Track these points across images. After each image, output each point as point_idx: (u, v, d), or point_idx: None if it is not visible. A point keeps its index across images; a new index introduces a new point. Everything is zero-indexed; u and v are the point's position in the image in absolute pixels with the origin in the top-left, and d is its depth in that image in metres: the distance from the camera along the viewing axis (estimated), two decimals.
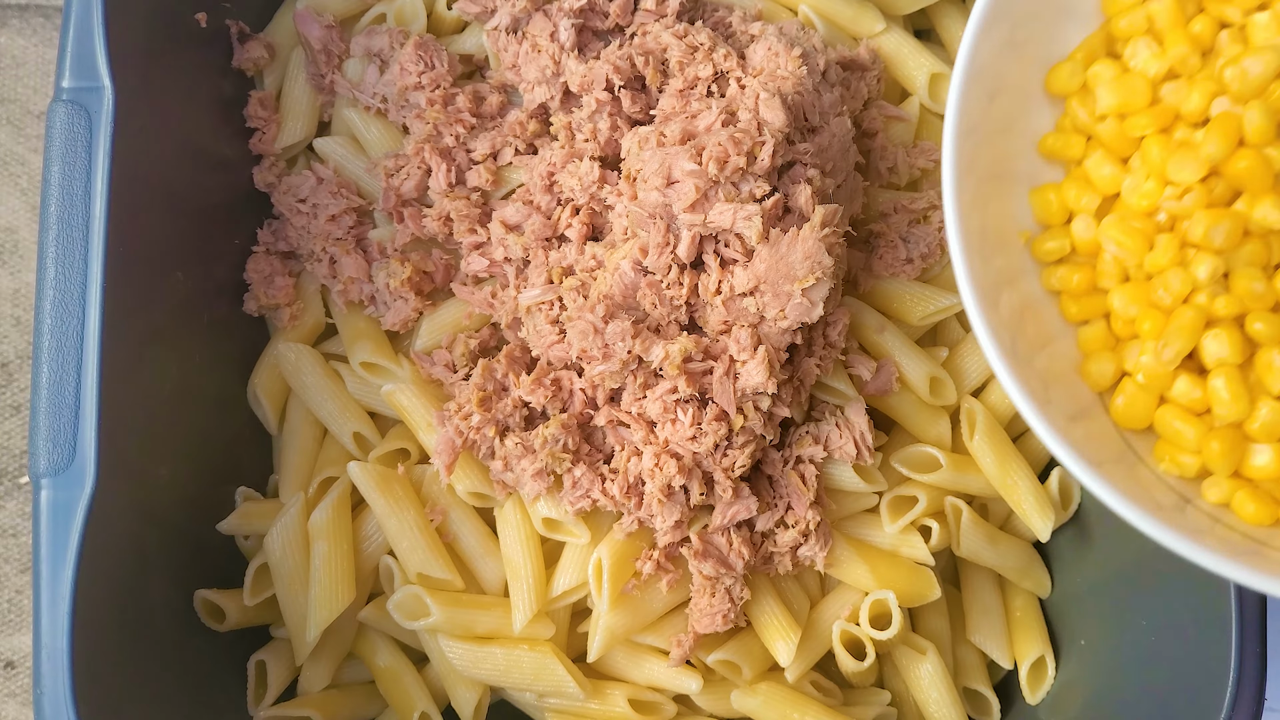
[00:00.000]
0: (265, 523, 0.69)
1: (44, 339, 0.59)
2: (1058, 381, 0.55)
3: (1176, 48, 0.53)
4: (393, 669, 0.71)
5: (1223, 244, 0.50)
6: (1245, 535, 0.50)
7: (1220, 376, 0.50)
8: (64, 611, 0.57)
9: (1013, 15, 0.55)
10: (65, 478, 0.58)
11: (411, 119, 0.73)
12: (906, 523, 0.69)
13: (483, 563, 0.69)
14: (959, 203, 0.53)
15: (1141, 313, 0.53)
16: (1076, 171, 0.56)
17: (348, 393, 0.72)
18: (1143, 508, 0.47)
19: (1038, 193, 0.57)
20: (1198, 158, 0.51)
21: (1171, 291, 0.52)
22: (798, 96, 0.66)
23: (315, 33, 0.74)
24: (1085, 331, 0.56)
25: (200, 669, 0.67)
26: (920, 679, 0.69)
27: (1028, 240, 0.58)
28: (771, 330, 0.64)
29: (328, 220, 0.73)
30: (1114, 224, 0.53)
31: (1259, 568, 0.46)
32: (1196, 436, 0.51)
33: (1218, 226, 0.50)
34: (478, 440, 0.66)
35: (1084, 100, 0.56)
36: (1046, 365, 0.55)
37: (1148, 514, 0.47)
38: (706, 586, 0.66)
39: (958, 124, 0.54)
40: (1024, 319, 0.55)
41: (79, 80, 0.61)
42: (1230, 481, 0.51)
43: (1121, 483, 0.49)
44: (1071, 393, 0.55)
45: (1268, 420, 0.50)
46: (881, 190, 0.75)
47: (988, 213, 0.56)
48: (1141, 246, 0.53)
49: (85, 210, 0.60)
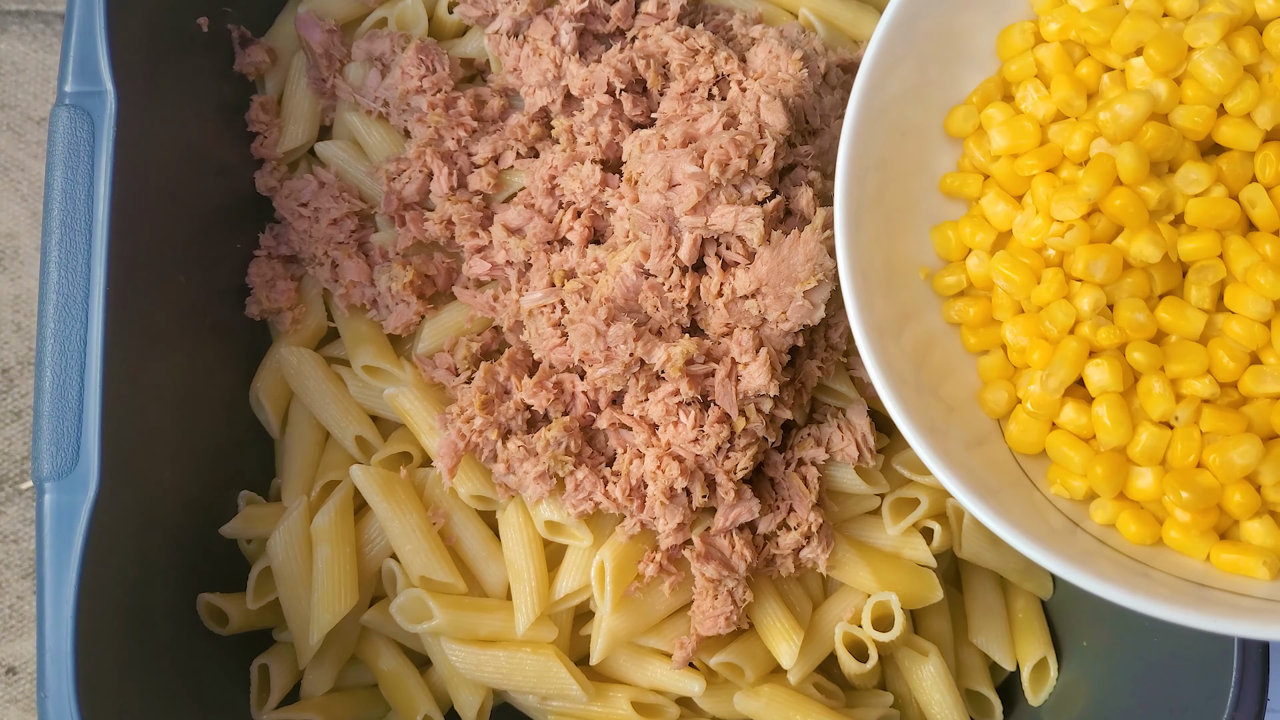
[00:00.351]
0: (268, 526, 0.69)
1: (47, 343, 0.59)
2: (960, 409, 0.57)
3: (1062, 91, 0.56)
4: (396, 672, 0.71)
5: (1104, 278, 0.53)
6: (1131, 557, 0.51)
7: (1103, 404, 0.52)
8: (68, 615, 0.57)
9: (916, 56, 0.58)
10: (69, 481, 0.58)
11: (413, 123, 0.73)
12: (908, 524, 0.69)
13: (485, 566, 0.69)
14: (852, 241, 0.56)
15: (1031, 343, 0.55)
16: (974, 209, 0.59)
17: (350, 396, 0.72)
18: (1030, 532, 0.49)
19: (937, 229, 0.60)
20: (1077, 196, 0.53)
21: (1057, 323, 0.54)
22: (799, 99, 0.67)
23: (317, 37, 0.74)
24: (984, 361, 0.59)
25: (203, 672, 0.67)
26: (922, 680, 0.69)
27: (927, 276, 0.60)
28: (773, 332, 0.65)
29: (329, 224, 0.73)
30: (1003, 259, 0.56)
31: (1142, 589, 0.47)
32: (1083, 461, 0.53)
33: (1097, 261, 0.52)
34: (480, 443, 0.66)
35: (979, 141, 0.59)
36: (951, 393, 0.57)
37: (1031, 539, 0.49)
38: (709, 589, 0.66)
39: (850, 162, 0.56)
40: (929, 350, 0.58)
41: (81, 84, 0.61)
42: (1115, 503, 0.53)
43: (1014, 507, 0.51)
44: (972, 420, 0.57)
45: (1148, 445, 0.52)
46: None
47: (894, 248, 0.59)
48: (1029, 281, 0.55)
49: (88, 214, 0.60)
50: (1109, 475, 0.52)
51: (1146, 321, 0.52)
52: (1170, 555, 0.52)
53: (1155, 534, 0.52)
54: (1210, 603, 0.48)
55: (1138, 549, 0.52)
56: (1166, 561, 0.51)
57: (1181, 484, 0.50)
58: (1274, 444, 0.51)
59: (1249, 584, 0.50)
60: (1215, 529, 0.52)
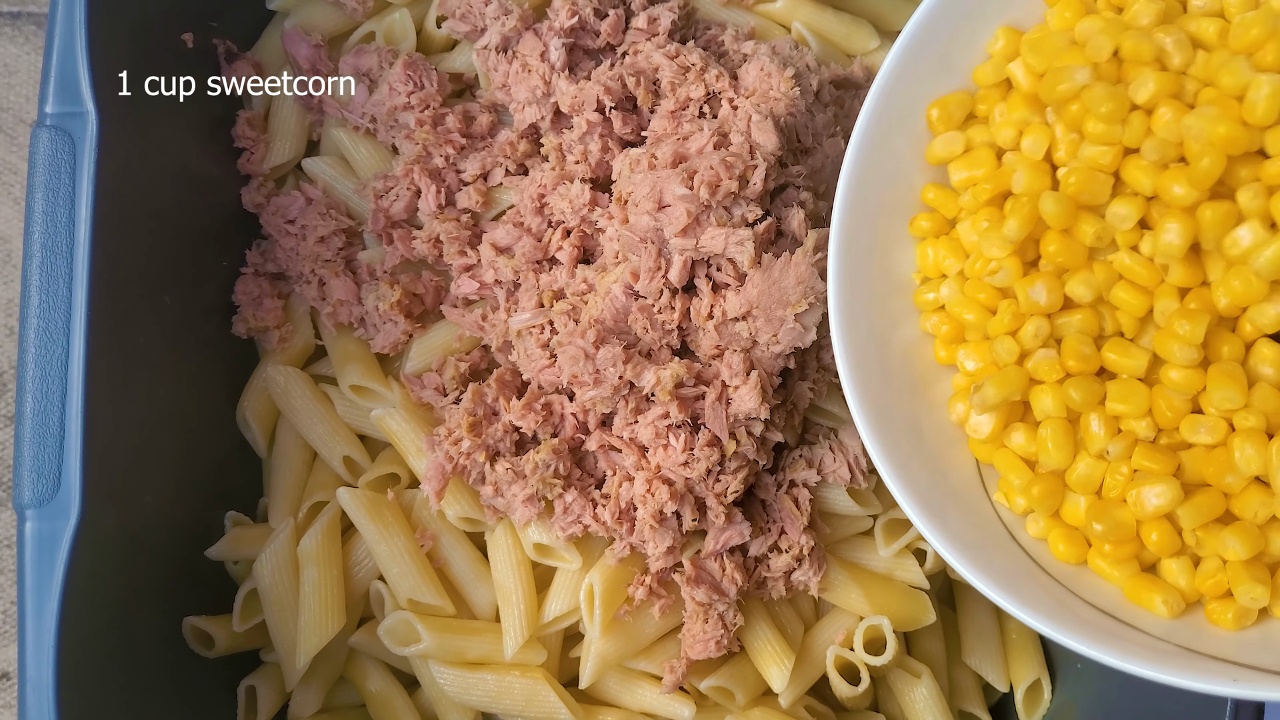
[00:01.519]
0: (255, 548, 0.69)
1: (28, 368, 0.58)
2: (934, 415, 0.58)
3: (1005, 131, 0.55)
4: (384, 694, 0.70)
5: (1046, 304, 0.53)
6: (1056, 581, 0.53)
7: (1046, 429, 0.53)
8: (49, 645, 0.56)
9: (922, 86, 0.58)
10: (50, 509, 0.58)
11: (401, 139, 0.72)
12: (901, 546, 0.69)
13: (474, 588, 0.69)
14: (845, 246, 0.57)
15: (983, 369, 0.56)
16: (952, 232, 0.59)
17: (337, 416, 0.72)
18: (961, 542, 0.52)
19: (920, 245, 0.59)
20: (1001, 236, 0.53)
21: (1004, 353, 0.54)
22: (790, 118, 0.66)
23: (303, 52, 0.73)
24: (955, 376, 0.59)
25: (190, 695, 0.67)
26: (915, 702, 0.69)
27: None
28: (764, 355, 0.64)
29: (316, 242, 0.72)
30: (957, 292, 0.57)
31: (1057, 619, 0.49)
32: (1022, 482, 0.55)
33: (1035, 287, 0.53)
34: (468, 465, 0.66)
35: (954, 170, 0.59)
36: (934, 399, 0.58)
37: (958, 550, 0.51)
38: (700, 612, 0.66)
39: (849, 193, 0.57)
40: (913, 357, 0.59)
41: (62, 105, 0.60)
42: (1048, 521, 0.55)
43: (957, 514, 0.54)
44: (943, 427, 0.58)
45: (1082, 474, 0.53)
46: None
47: (891, 256, 0.59)
48: (982, 314, 0.55)
49: (69, 236, 0.59)
50: (1044, 496, 0.53)
51: (1090, 356, 0.52)
52: (1091, 579, 0.53)
53: (1081, 555, 0.53)
54: (1103, 632, 0.49)
55: (1064, 567, 0.53)
56: (1087, 585, 0.52)
57: (1100, 515, 0.52)
58: (1201, 491, 0.51)
59: (1149, 620, 0.51)
60: (1140, 561, 0.53)
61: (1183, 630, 0.50)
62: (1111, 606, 0.51)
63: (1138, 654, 0.47)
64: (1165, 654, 0.48)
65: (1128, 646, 0.48)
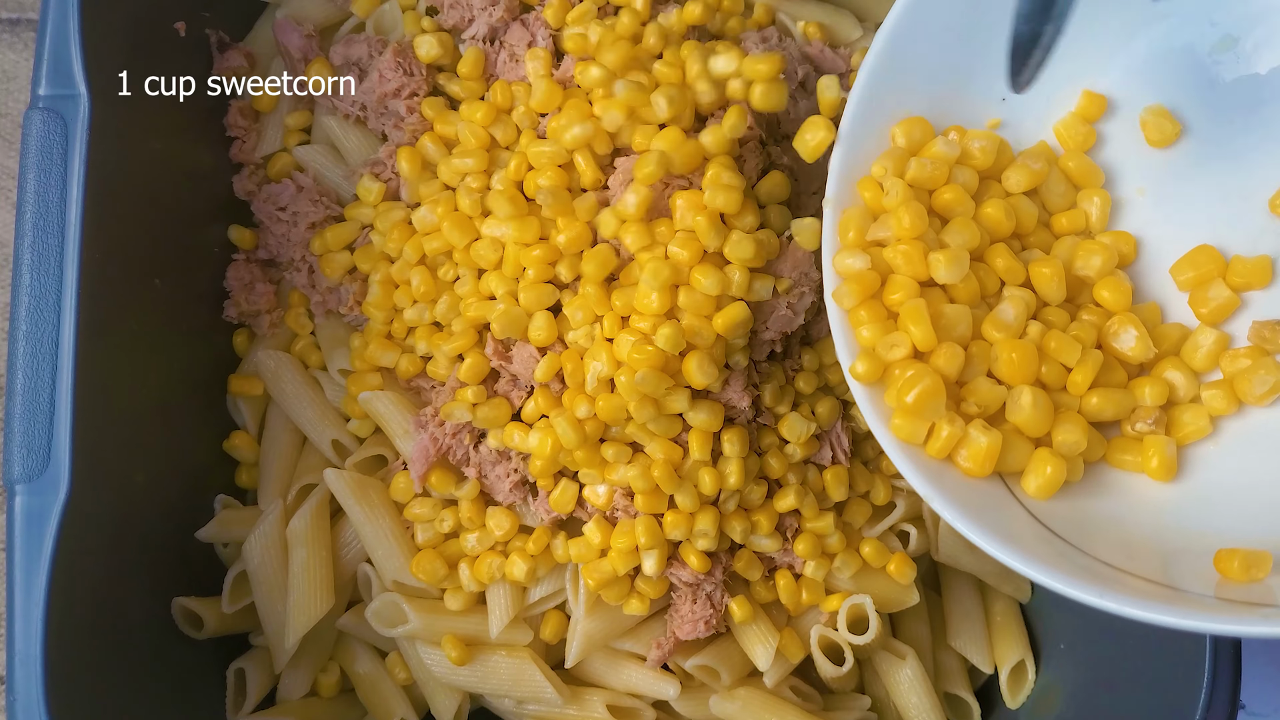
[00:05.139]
0: (244, 530, 0.69)
1: (19, 345, 0.59)
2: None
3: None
4: (372, 676, 0.71)
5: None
6: (1058, 537, 0.53)
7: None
8: (37, 618, 0.57)
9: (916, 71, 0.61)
10: (39, 484, 0.58)
11: (390, 127, 0.73)
12: (885, 528, 0.69)
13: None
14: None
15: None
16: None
17: (326, 400, 0.72)
18: (964, 505, 0.53)
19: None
20: (903, 342, 0.56)
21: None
22: None
23: (294, 41, 0.74)
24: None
25: (178, 677, 0.67)
26: (900, 684, 0.69)
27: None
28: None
29: (307, 228, 0.73)
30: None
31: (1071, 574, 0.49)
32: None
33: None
34: (453, 445, 0.66)
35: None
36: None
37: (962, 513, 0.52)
38: (688, 593, 0.66)
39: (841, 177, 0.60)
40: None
41: (55, 88, 0.61)
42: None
43: (955, 477, 0.55)
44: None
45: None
46: None
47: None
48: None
49: (60, 217, 0.60)
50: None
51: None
52: (1095, 530, 0.54)
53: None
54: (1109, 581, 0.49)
55: (1066, 523, 0.54)
56: (1092, 539, 0.53)
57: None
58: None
59: (1151, 565, 0.52)
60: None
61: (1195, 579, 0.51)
62: (1121, 560, 0.52)
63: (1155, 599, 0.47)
64: (1187, 600, 0.48)
65: (1142, 593, 0.48)
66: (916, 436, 0.55)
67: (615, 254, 0.64)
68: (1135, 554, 0.52)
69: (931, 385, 0.54)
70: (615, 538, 0.64)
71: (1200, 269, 0.59)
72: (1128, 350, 0.58)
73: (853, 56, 0.74)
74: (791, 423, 0.66)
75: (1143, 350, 0.58)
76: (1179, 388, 0.58)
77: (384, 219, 0.70)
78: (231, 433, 0.73)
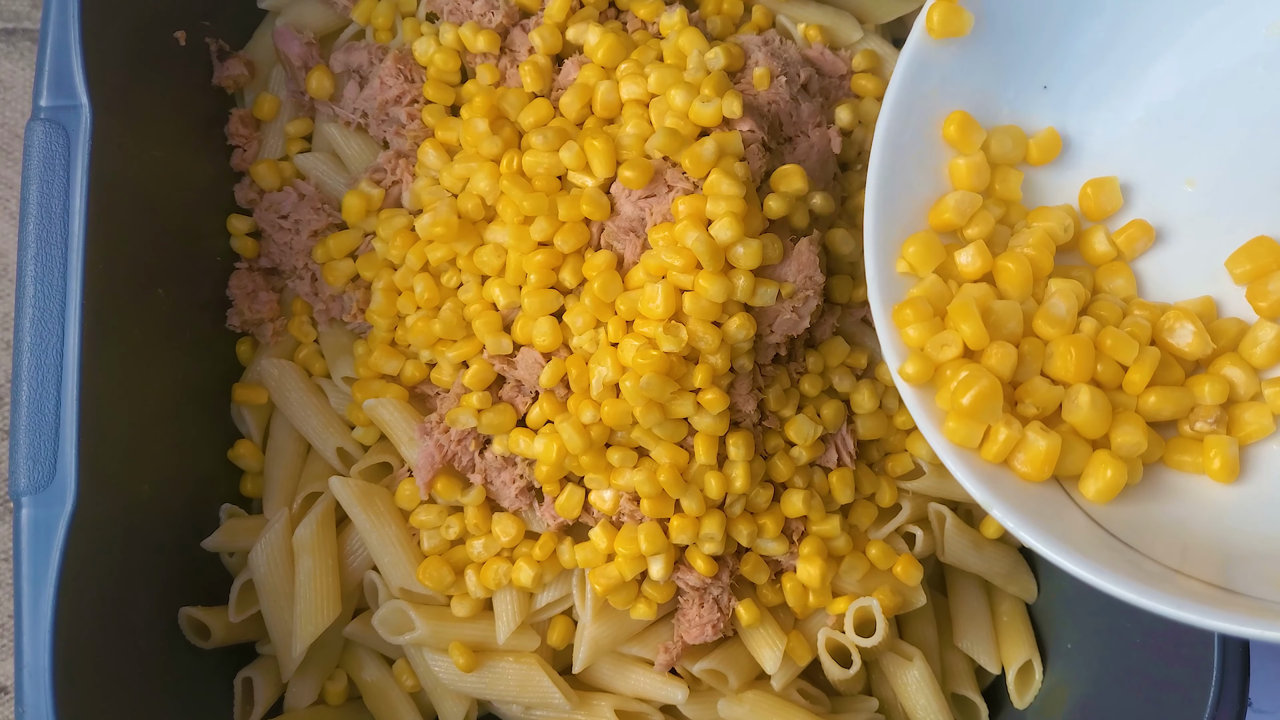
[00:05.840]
0: (250, 539, 0.69)
1: (23, 357, 0.59)
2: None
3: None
4: (379, 684, 0.71)
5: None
6: (1116, 539, 0.52)
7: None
8: (45, 629, 0.57)
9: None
10: (45, 495, 0.58)
11: (391, 134, 0.73)
12: (890, 530, 0.69)
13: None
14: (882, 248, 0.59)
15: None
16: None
17: (331, 408, 0.72)
18: (1020, 509, 0.51)
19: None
20: (954, 341, 0.55)
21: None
22: (773, 105, 0.67)
23: (295, 49, 0.74)
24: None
25: (186, 686, 0.67)
26: (907, 685, 0.69)
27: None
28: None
29: (309, 236, 0.73)
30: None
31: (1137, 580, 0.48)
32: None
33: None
34: (458, 452, 0.66)
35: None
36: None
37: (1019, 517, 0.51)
38: (695, 597, 0.66)
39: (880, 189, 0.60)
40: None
41: (56, 99, 0.61)
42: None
43: (1010, 481, 0.54)
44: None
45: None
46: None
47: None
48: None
49: (64, 228, 0.60)
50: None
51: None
52: (1152, 532, 0.53)
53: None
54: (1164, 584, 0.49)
55: (1123, 523, 0.53)
56: (1148, 541, 0.52)
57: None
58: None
59: (1207, 567, 0.51)
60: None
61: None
62: (1178, 562, 0.51)
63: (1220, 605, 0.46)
64: (1249, 605, 0.47)
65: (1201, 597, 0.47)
66: (972, 440, 0.53)
67: (618, 260, 0.64)
68: (1193, 556, 0.51)
69: (989, 386, 0.52)
70: (621, 543, 0.64)
71: (1258, 261, 0.57)
72: (1184, 346, 0.56)
73: (854, 58, 0.74)
74: (798, 425, 0.66)
75: (1201, 346, 0.56)
76: (1239, 385, 0.56)
77: (386, 226, 0.70)
78: (236, 442, 0.73)
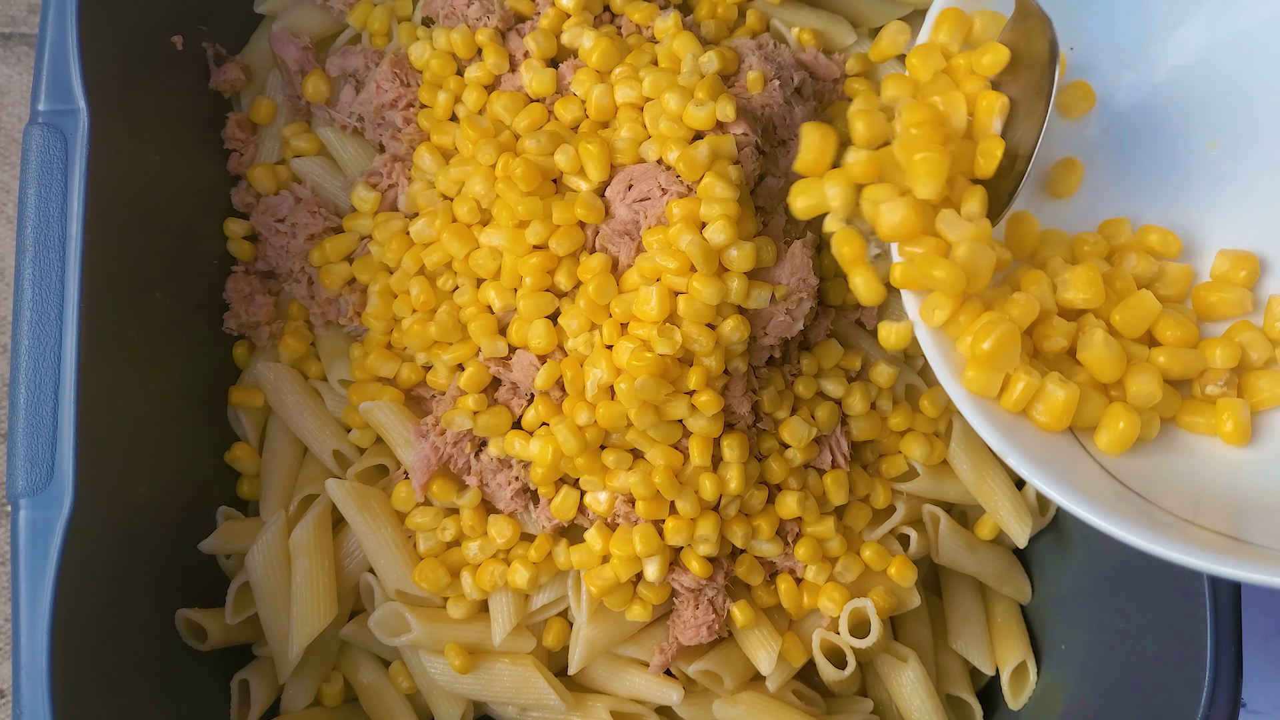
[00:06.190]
0: (246, 541, 0.69)
1: (21, 360, 0.59)
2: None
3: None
4: (375, 685, 0.71)
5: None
6: (1133, 492, 0.52)
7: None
8: (43, 631, 0.57)
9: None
10: (43, 497, 0.58)
11: (387, 138, 0.73)
12: (885, 531, 0.70)
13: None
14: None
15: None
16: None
17: (327, 410, 0.72)
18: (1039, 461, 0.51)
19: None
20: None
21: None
22: (766, 108, 0.67)
23: (291, 54, 0.74)
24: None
25: (182, 688, 0.67)
26: (902, 687, 0.69)
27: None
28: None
29: (306, 239, 0.73)
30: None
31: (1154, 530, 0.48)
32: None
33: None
34: (454, 454, 0.67)
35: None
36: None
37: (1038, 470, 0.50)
38: (690, 599, 0.67)
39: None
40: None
41: (54, 103, 0.61)
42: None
43: (1028, 432, 0.53)
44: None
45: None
46: None
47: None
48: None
49: (61, 232, 0.60)
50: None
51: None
52: (1167, 484, 0.53)
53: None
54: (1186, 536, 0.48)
55: (1139, 476, 0.53)
56: (1164, 493, 0.52)
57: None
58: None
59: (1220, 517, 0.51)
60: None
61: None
62: (1189, 512, 0.51)
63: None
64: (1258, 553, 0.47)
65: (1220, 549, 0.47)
66: (991, 389, 0.53)
67: (613, 262, 0.64)
68: (1205, 508, 0.51)
69: (1007, 332, 0.52)
70: (617, 544, 0.64)
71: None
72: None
73: (847, 62, 0.74)
74: (792, 427, 0.66)
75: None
76: (1252, 352, 0.56)
77: (382, 230, 0.70)
78: (233, 444, 0.73)
